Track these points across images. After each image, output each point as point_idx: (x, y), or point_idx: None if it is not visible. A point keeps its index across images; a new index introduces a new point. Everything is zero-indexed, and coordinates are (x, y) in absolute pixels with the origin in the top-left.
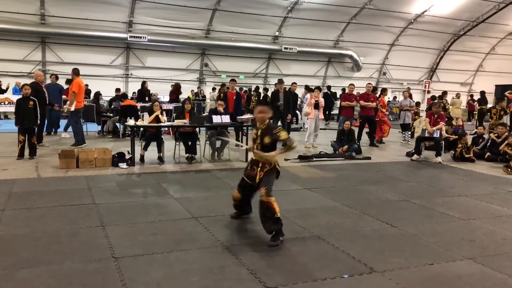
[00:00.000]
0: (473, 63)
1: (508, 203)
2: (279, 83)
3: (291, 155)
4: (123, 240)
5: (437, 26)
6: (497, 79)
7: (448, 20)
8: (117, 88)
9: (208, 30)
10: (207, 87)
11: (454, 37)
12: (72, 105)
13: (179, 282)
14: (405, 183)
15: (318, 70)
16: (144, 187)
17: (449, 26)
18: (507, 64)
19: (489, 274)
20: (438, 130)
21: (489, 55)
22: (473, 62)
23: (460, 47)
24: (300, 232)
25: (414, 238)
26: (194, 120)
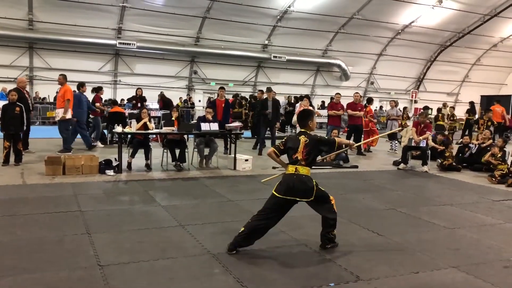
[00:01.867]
0: (459, 74)
1: (492, 212)
2: (268, 91)
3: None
4: (109, 247)
5: (424, 36)
6: (482, 90)
7: (435, 31)
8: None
9: (197, 37)
10: (196, 94)
11: (441, 48)
12: (68, 112)
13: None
14: (392, 192)
15: (307, 79)
16: (131, 195)
17: (436, 37)
18: (492, 75)
19: (473, 283)
20: (425, 139)
21: (475, 66)
22: (459, 72)
23: (447, 58)
24: (287, 241)
25: (400, 246)
26: (182, 127)
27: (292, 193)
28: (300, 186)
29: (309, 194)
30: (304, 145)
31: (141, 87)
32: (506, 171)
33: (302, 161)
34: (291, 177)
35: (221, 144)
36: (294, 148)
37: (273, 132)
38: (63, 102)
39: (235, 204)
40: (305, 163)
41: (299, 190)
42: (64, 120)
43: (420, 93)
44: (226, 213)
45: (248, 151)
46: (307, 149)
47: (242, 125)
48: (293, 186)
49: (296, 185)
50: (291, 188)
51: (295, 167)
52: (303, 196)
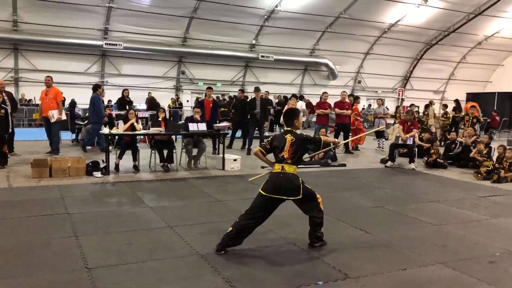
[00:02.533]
0: (445, 72)
1: (478, 208)
2: (256, 91)
3: None
4: (97, 250)
5: (410, 35)
6: (468, 87)
7: (420, 29)
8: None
9: (185, 37)
10: (184, 94)
11: (427, 46)
12: (62, 113)
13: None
14: (379, 190)
15: (295, 78)
16: (118, 196)
17: (422, 35)
18: (478, 73)
19: (460, 278)
20: (411, 137)
21: (460, 64)
22: (445, 70)
23: (433, 56)
24: (276, 240)
25: (387, 244)
26: (170, 128)
27: (279, 192)
28: (286, 184)
29: (296, 192)
30: (290, 144)
31: (128, 88)
32: (491, 167)
33: (289, 159)
34: (277, 175)
35: (210, 144)
36: (280, 146)
37: (262, 132)
38: (56, 103)
39: (223, 204)
40: (291, 161)
41: (286, 188)
42: (59, 121)
43: (406, 91)
44: (215, 213)
45: (237, 151)
46: (293, 148)
47: (230, 124)
48: (279, 185)
49: (283, 184)
50: (278, 187)
51: (281, 166)
52: (290, 194)
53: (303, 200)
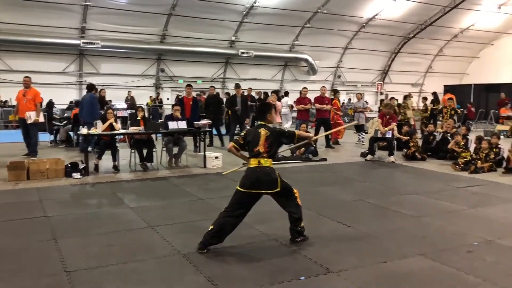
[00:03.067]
0: (423, 65)
1: (456, 199)
2: (236, 87)
3: None
4: (76, 253)
5: (387, 29)
6: (445, 80)
7: (398, 23)
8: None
9: (163, 35)
10: (164, 92)
11: (404, 40)
12: (40, 115)
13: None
14: (360, 183)
15: (275, 74)
16: (98, 197)
17: (399, 29)
18: (454, 65)
19: (439, 269)
20: (390, 130)
21: (437, 57)
22: (422, 63)
23: (410, 49)
24: (258, 236)
25: (368, 237)
26: (149, 127)
27: (257, 186)
28: (264, 178)
29: (274, 185)
30: (265, 138)
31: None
32: (469, 158)
33: (264, 153)
34: (254, 170)
35: (191, 142)
36: (255, 141)
37: (243, 129)
38: (34, 105)
39: (205, 202)
40: (267, 155)
41: (264, 182)
42: (37, 123)
43: (385, 85)
44: (196, 212)
45: (218, 149)
46: (268, 142)
47: (210, 122)
48: (257, 179)
49: (261, 178)
50: (255, 181)
51: (257, 160)
52: (268, 188)
53: (281, 194)
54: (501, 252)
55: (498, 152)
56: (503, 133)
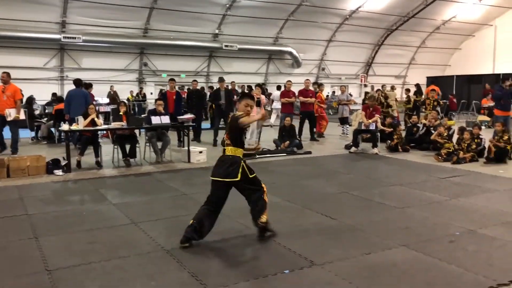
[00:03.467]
0: (406, 57)
1: (439, 189)
2: (220, 81)
3: None
4: (58, 251)
5: (371, 21)
6: (428, 71)
7: (381, 15)
8: (54, 93)
9: (146, 29)
10: (148, 87)
11: (388, 32)
12: (21, 112)
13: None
14: (344, 176)
15: (260, 67)
16: (81, 194)
17: (382, 21)
18: (437, 57)
19: (422, 259)
20: (374, 122)
21: (420, 49)
22: (405, 55)
23: (393, 42)
24: (242, 231)
25: (352, 229)
26: (132, 122)
27: (218, 174)
28: (225, 166)
29: (233, 174)
30: (229, 126)
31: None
32: (452, 149)
33: (227, 140)
34: (220, 159)
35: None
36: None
37: (227, 122)
38: (14, 102)
39: (189, 197)
40: (230, 143)
41: (225, 170)
42: (17, 120)
43: (369, 77)
44: (180, 207)
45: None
46: (229, 129)
47: (194, 116)
48: (219, 167)
49: (222, 166)
50: (218, 169)
51: (223, 149)
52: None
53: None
54: (482, 242)
55: (479, 142)
56: (485, 124)
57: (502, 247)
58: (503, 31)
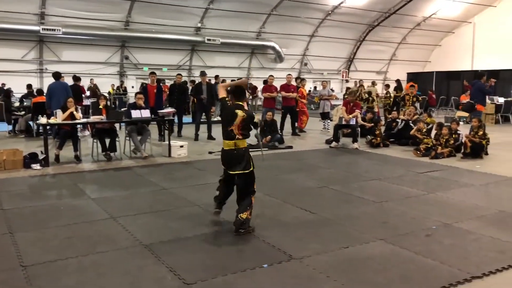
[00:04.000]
0: (387, 53)
1: (417, 184)
2: (202, 75)
3: (216, 148)
4: (34, 246)
5: (353, 17)
6: (408, 67)
7: (363, 11)
8: (29, 84)
9: (127, 21)
10: (129, 80)
11: (369, 28)
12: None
13: (93, 286)
14: (324, 170)
15: (242, 61)
16: (58, 189)
17: (364, 17)
18: (417, 53)
19: (399, 253)
20: (354, 117)
21: (401, 45)
22: (387, 51)
23: (375, 38)
24: (221, 225)
25: (331, 223)
26: (111, 115)
27: (230, 167)
28: (237, 159)
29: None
30: (242, 120)
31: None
32: (430, 144)
33: (239, 135)
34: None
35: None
36: (228, 120)
37: (209, 117)
38: None
39: (169, 192)
40: (242, 137)
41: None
42: None
43: (351, 72)
44: (160, 202)
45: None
46: (243, 124)
47: (175, 110)
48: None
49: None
50: (228, 163)
51: (234, 142)
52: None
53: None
54: (458, 235)
55: (457, 138)
56: (463, 119)
57: (477, 241)
58: (482, 28)
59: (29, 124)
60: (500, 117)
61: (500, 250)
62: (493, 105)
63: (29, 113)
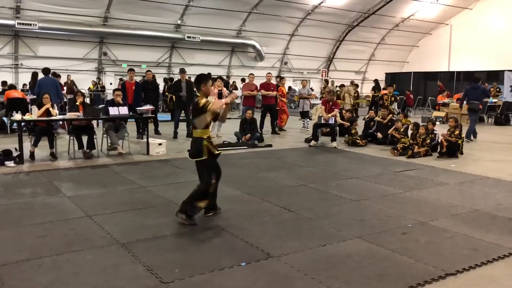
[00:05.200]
0: (366, 53)
1: (394, 183)
2: (181, 72)
3: None
4: (6, 245)
5: (333, 17)
6: (387, 68)
7: (342, 11)
8: (3, 81)
9: (105, 17)
10: (107, 77)
11: (349, 28)
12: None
13: (68, 285)
14: (303, 169)
15: (222, 59)
16: (33, 186)
17: (344, 17)
18: (396, 54)
19: (375, 251)
20: (333, 116)
21: (379, 45)
22: (366, 51)
23: (354, 38)
24: (200, 224)
25: (309, 221)
26: (89, 112)
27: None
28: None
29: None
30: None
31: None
32: (407, 143)
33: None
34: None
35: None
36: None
37: (188, 115)
38: None
39: (147, 190)
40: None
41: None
42: None
43: (330, 72)
44: (137, 200)
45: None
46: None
47: (153, 108)
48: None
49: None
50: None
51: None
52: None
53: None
54: (433, 233)
55: (433, 137)
56: (439, 119)
57: (451, 238)
58: (458, 30)
59: (3, 121)
60: None
61: (474, 247)
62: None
63: (3, 109)
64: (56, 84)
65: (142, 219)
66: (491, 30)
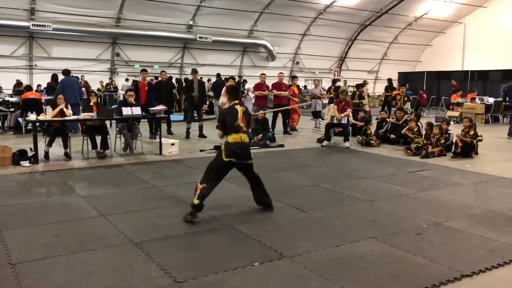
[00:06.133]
0: (379, 52)
1: (408, 183)
2: (193, 73)
3: (207, 146)
4: (22, 244)
5: (345, 16)
6: (400, 67)
7: (354, 10)
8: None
9: (118, 18)
10: (120, 77)
11: (361, 27)
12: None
13: (82, 284)
14: (315, 169)
15: (234, 59)
16: (48, 186)
17: (356, 16)
18: (408, 53)
19: (389, 251)
20: (346, 116)
21: (392, 44)
22: (378, 51)
23: (367, 37)
24: (213, 223)
25: (322, 221)
26: (102, 112)
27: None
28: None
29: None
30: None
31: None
32: (421, 143)
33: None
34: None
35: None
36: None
37: (201, 115)
38: None
39: (160, 190)
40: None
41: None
42: None
43: (342, 71)
44: (150, 200)
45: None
46: (245, 117)
47: (166, 108)
48: (238, 151)
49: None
50: (236, 153)
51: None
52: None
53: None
54: (447, 234)
55: (448, 137)
56: (453, 119)
57: (466, 239)
58: (472, 29)
59: (18, 121)
60: (490, 117)
61: (489, 249)
62: (483, 105)
63: (18, 110)
64: (78, 84)
65: (155, 218)
66: (506, 29)
